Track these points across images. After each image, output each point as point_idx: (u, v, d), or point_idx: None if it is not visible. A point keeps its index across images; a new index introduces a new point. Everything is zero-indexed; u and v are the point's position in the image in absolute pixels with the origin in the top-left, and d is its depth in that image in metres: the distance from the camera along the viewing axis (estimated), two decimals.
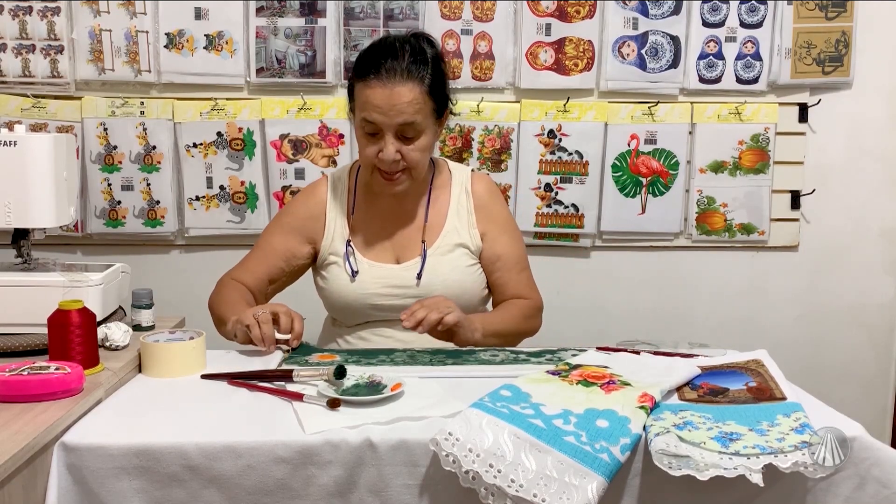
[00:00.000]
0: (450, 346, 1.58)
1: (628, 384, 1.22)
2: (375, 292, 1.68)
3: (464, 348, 1.57)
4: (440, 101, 1.64)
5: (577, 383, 1.24)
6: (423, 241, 1.71)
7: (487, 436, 1.05)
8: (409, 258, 1.71)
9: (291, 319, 1.50)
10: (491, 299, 1.81)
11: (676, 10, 2.46)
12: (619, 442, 1.06)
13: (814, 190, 2.58)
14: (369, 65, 1.57)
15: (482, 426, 1.06)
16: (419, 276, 1.68)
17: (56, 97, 2.42)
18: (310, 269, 1.81)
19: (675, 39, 2.48)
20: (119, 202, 2.48)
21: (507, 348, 1.58)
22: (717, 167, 2.54)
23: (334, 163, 2.48)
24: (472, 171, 1.80)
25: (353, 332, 1.74)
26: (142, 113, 2.44)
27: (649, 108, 2.50)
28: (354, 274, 1.69)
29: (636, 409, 1.13)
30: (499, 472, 1.02)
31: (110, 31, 2.40)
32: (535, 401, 1.15)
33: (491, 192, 1.78)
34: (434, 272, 1.68)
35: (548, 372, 1.30)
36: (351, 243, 1.72)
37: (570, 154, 2.51)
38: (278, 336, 1.48)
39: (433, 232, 1.72)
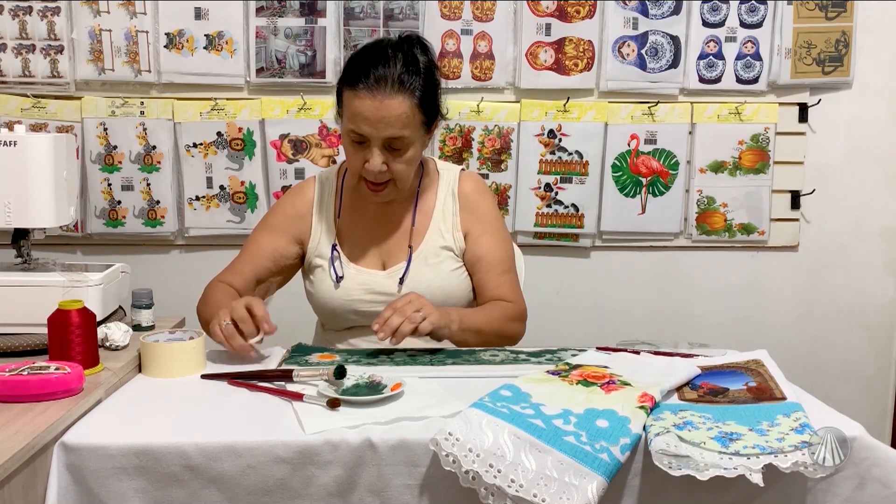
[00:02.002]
0: (450, 346, 1.57)
1: (628, 384, 1.22)
2: (359, 298, 1.66)
3: (440, 342, 1.55)
4: (430, 112, 1.59)
5: (577, 383, 1.24)
6: (409, 247, 1.69)
7: (487, 436, 1.05)
8: (395, 263, 1.69)
9: (252, 316, 1.41)
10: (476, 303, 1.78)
11: (676, 10, 2.46)
12: (619, 442, 1.06)
13: (814, 190, 2.58)
14: (359, 72, 1.52)
15: (482, 426, 1.06)
16: (401, 281, 1.66)
17: (56, 97, 2.43)
18: (300, 272, 1.79)
19: (675, 39, 2.48)
20: (119, 202, 2.48)
21: (507, 348, 1.57)
22: (717, 167, 2.54)
23: (334, 162, 2.48)
24: (462, 170, 1.77)
25: (341, 338, 1.72)
26: (142, 113, 2.44)
27: (649, 108, 2.49)
28: (339, 279, 1.67)
29: (636, 408, 1.13)
30: (499, 472, 1.02)
31: (110, 31, 2.40)
32: (535, 401, 1.15)
33: (478, 191, 1.74)
34: (418, 278, 1.66)
35: (548, 372, 1.30)
36: (337, 248, 1.70)
37: (570, 154, 2.51)
38: (250, 341, 1.42)
39: (419, 236, 1.70)
